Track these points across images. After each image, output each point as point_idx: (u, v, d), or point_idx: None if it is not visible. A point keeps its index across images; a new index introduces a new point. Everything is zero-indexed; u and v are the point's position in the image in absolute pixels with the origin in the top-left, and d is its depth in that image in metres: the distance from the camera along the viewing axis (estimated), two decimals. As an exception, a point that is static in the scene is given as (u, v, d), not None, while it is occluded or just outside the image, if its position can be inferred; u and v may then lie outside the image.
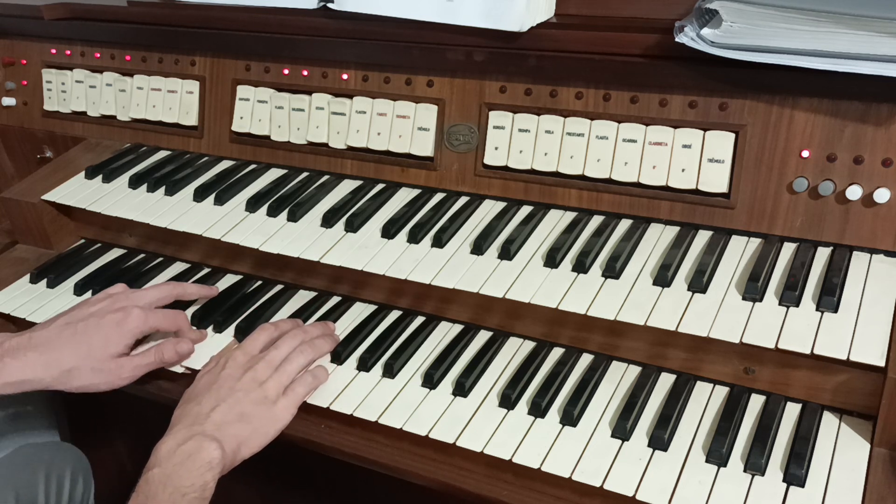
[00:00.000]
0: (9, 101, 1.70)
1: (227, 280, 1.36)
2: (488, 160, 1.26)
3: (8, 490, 1.22)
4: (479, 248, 1.16)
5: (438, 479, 1.00)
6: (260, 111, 1.44)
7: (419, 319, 1.21)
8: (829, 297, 0.98)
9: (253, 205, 1.33)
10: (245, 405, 1.02)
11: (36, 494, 1.26)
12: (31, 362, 1.05)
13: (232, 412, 1.00)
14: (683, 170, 1.13)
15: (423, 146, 1.30)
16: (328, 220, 1.27)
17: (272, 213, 1.31)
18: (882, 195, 1.03)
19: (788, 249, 1.09)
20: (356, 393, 1.08)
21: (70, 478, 1.33)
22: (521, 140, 1.23)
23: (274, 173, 1.43)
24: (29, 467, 1.28)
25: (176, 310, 1.19)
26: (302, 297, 1.29)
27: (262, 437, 1.02)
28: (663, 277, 1.06)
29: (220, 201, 1.35)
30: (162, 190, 1.40)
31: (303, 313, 1.24)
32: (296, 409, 1.05)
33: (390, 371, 1.10)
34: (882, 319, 0.96)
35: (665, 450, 0.95)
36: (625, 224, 1.18)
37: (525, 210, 1.24)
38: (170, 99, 1.52)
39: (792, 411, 0.99)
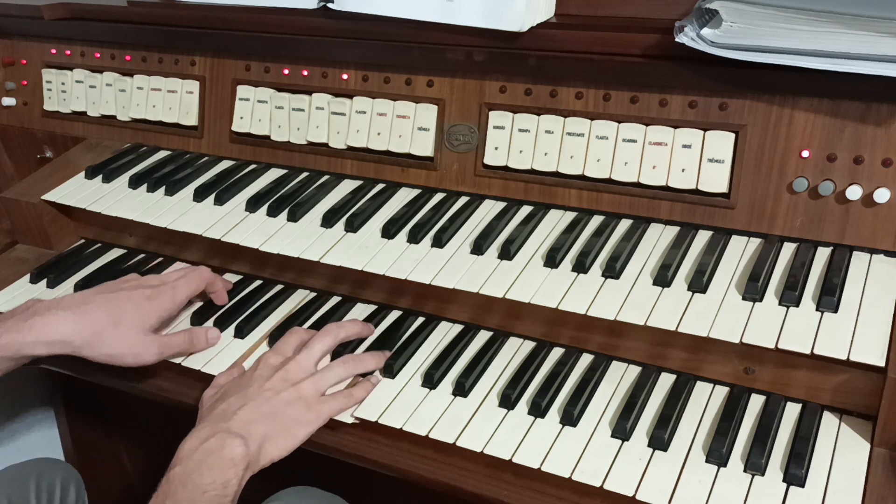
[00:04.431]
0: (9, 101, 1.70)
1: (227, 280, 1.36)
2: (488, 160, 1.26)
3: (0, 497, 1.23)
4: (479, 248, 1.16)
5: (438, 479, 1.00)
6: (260, 111, 1.44)
7: (419, 319, 1.21)
8: (829, 297, 0.98)
9: (253, 205, 1.33)
10: (275, 404, 1.00)
11: (28, 500, 1.27)
12: (62, 319, 1.03)
13: (260, 410, 0.99)
14: (683, 170, 1.13)
15: (423, 146, 1.30)
16: (328, 220, 1.27)
17: (272, 213, 1.30)
18: (882, 195, 1.03)
19: (788, 249, 1.09)
20: (356, 393, 1.08)
21: (60, 485, 1.32)
22: (521, 140, 1.23)
23: (274, 173, 1.43)
24: (18, 477, 1.29)
25: (197, 267, 1.18)
26: (302, 297, 1.29)
27: (291, 438, 0.99)
28: (663, 277, 1.06)
29: (220, 201, 1.35)
30: (162, 190, 1.40)
31: (303, 313, 1.24)
32: (327, 419, 1.03)
33: (390, 371, 1.10)
34: (882, 319, 0.96)
35: (665, 450, 0.95)
36: (625, 224, 1.18)
37: (525, 210, 1.24)
38: (170, 99, 1.52)
39: (792, 411, 0.99)
